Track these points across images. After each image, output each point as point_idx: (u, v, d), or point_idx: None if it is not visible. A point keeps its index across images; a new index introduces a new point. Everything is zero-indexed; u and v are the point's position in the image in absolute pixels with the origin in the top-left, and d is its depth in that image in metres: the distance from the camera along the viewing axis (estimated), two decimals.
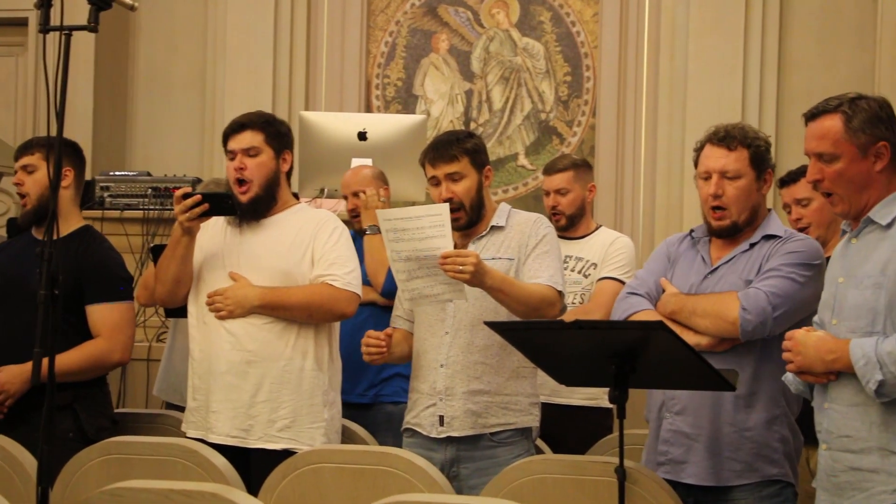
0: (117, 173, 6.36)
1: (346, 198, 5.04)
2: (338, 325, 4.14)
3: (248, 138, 4.04)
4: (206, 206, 3.94)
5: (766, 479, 3.47)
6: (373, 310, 4.64)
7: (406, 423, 3.94)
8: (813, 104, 3.22)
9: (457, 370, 3.80)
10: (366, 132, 6.02)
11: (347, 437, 4.18)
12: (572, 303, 4.70)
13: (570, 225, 4.91)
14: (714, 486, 3.48)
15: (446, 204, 3.69)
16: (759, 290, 3.41)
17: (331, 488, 3.47)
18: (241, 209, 4.04)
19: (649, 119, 8.31)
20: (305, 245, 4.03)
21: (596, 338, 3.18)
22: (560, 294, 3.80)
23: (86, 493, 3.28)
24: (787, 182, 4.61)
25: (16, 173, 4.35)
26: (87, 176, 6.66)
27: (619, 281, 4.69)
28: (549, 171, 5.03)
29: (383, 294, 4.57)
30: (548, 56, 8.68)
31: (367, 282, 4.66)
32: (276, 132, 4.09)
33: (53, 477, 3.51)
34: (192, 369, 4.09)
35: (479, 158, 3.91)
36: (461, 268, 3.57)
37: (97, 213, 6.02)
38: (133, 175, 6.32)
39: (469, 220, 3.88)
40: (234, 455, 3.79)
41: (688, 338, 3.26)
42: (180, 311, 4.29)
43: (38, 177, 4.28)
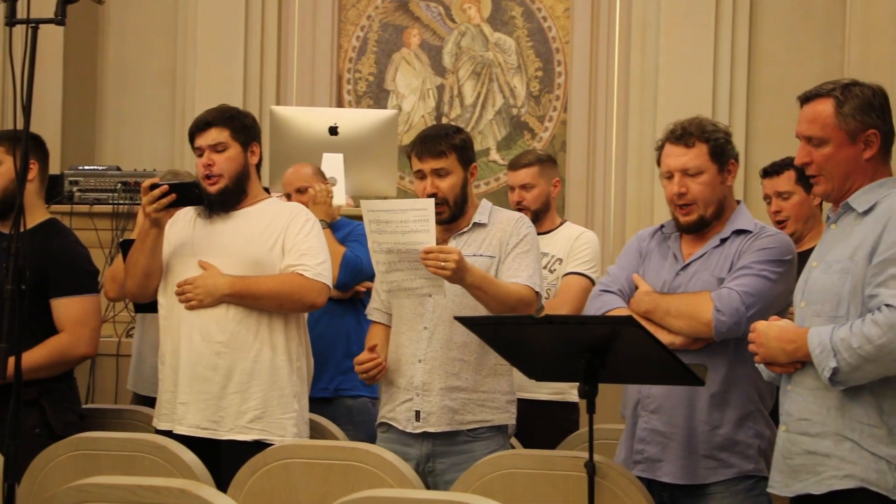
0: (87, 168, 6.33)
1: (288, 196, 5.03)
2: (307, 316, 4.14)
3: (214, 135, 4.04)
4: (174, 196, 3.93)
5: (740, 474, 3.48)
6: (329, 303, 4.62)
7: (381, 416, 3.93)
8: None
9: (435, 366, 3.80)
10: (337, 127, 6.01)
11: (316, 430, 4.17)
12: None
13: (534, 220, 4.90)
14: (690, 483, 3.49)
15: (431, 199, 3.69)
16: (732, 290, 3.42)
17: (301, 483, 3.47)
18: (209, 200, 4.03)
19: (620, 114, 8.33)
20: (277, 235, 4.03)
21: (566, 333, 3.18)
22: (537, 294, 3.81)
23: (53, 488, 3.27)
24: (769, 173, 4.63)
25: None
26: (57, 170, 6.66)
27: (585, 276, 4.70)
28: (513, 166, 5.03)
29: (337, 286, 4.56)
30: (519, 51, 8.68)
31: None
32: (242, 125, 4.08)
33: (20, 473, 3.49)
34: (161, 361, 4.08)
35: (466, 155, 3.90)
36: (443, 264, 3.57)
37: (66, 207, 5.99)
38: (102, 169, 6.29)
39: (452, 215, 3.88)
40: (205, 447, 3.79)
41: (662, 337, 3.27)
42: (150, 306, 4.27)
43: (3, 170, 4.25)
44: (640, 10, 8.23)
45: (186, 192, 3.97)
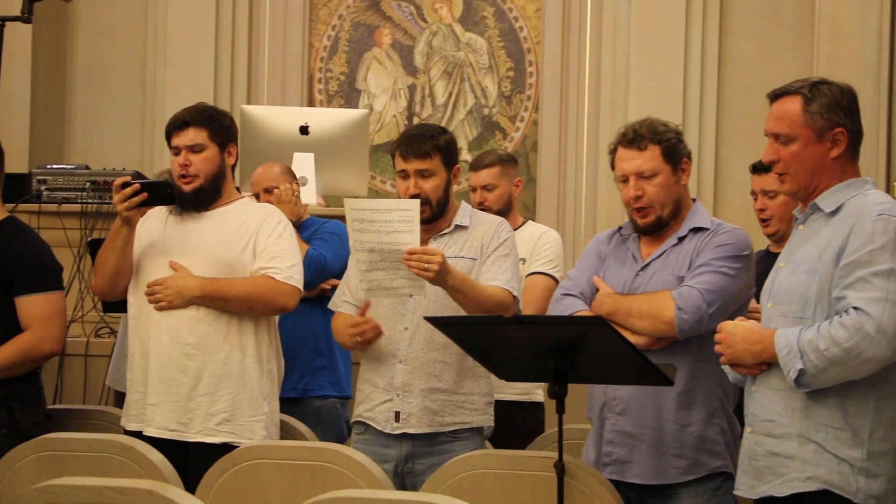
0: (55, 166, 6.28)
1: (256, 196, 5.02)
2: (277, 318, 4.12)
3: (191, 135, 4.01)
4: (145, 195, 3.90)
5: (710, 472, 3.50)
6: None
7: (357, 415, 3.91)
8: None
9: (416, 367, 3.79)
10: (308, 126, 6.00)
11: (286, 431, 4.16)
12: None
13: None
14: (659, 484, 3.50)
15: (416, 200, 3.69)
16: (693, 288, 3.43)
17: (270, 484, 3.46)
18: (182, 199, 4.01)
19: (592, 114, 8.34)
20: (248, 237, 4.01)
21: (535, 333, 3.18)
22: (515, 298, 3.81)
23: (19, 490, 3.24)
24: (759, 170, 4.63)
25: None
26: (25, 169, 6.61)
27: (549, 276, 4.71)
28: (475, 166, 5.02)
29: (304, 287, 4.55)
30: (491, 51, 8.69)
31: None
32: (220, 126, 4.06)
33: None
34: (131, 361, 4.06)
35: (450, 157, 3.90)
36: (427, 266, 3.57)
37: (34, 206, 5.94)
38: (71, 168, 6.25)
39: (433, 215, 3.87)
40: (173, 449, 3.77)
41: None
42: (118, 305, 4.25)
43: None
44: (611, 11, 8.25)
45: (158, 191, 3.95)
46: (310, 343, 4.79)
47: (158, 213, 4.11)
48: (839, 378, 2.97)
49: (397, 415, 3.79)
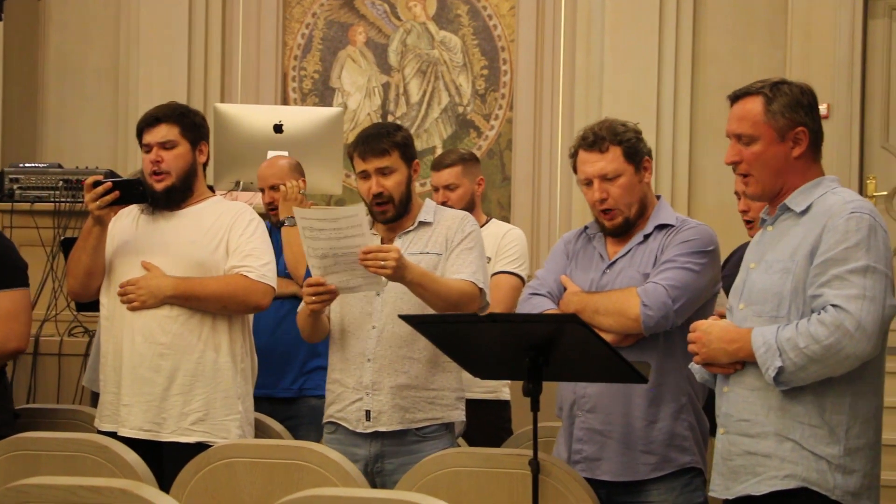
0: (27, 165, 6.25)
1: (262, 190, 5.00)
2: (251, 317, 4.11)
3: (163, 131, 4.00)
4: (117, 193, 3.89)
5: (679, 468, 3.51)
6: (294, 302, 4.60)
7: (328, 416, 3.91)
8: (727, 98, 3.25)
9: (384, 364, 3.78)
10: (282, 125, 5.98)
11: (262, 431, 4.15)
12: None
13: None
14: (629, 480, 3.51)
15: (361, 205, 3.68)
16: (658, 284, 3.44)
17: (244, 483, 3.45)
18: (154, 197, 3.99)
19: (566, 112, 8.37)
20: (221, 236, 4.00)
21: (509, 331, 3.18)
22: (481, 290, 3.81)
23: None
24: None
25: None
26: None
27: (514, 274, 4.73)
28: (436, 166, 5.01)
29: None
30: (465, 49, 8.70)
31: (286, 274, 4.63)
32: (192, 124, 4.05)
33: None
34: (103, 362, 4.04)
35: (408, 152, 3.88)
36: (383, 263, 3.56)
37: (6, 205, 5.92)
38: (44, 167, 6.22)
39: (397, 213, 3.86)
40: (147, 449, 3.76)
41: None
42: (92, 305, 4.23)
43: None
44: (584, 9, 8.27)
45: (130, 190, 3.93)
46: (305, 344, 4.78)
47: (130, 212, 4.09)
48: (818, 375, 2.98)
49: (368, 413, 3.78)
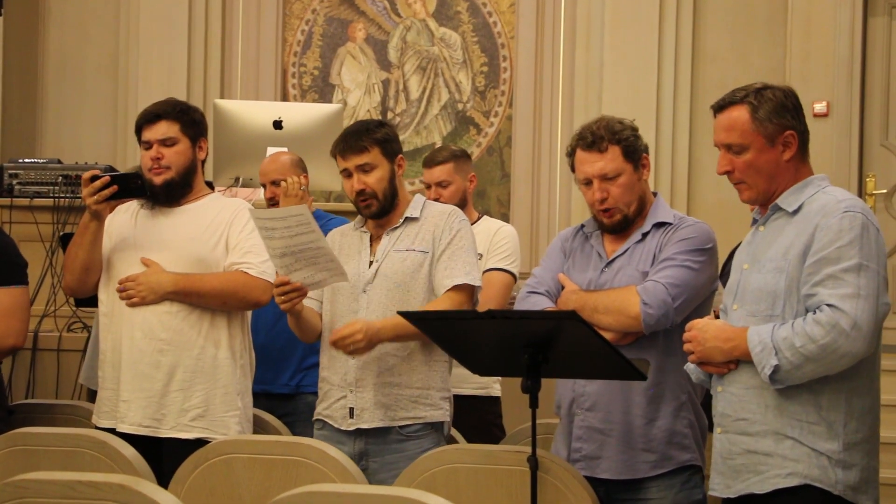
0: (27, 160, 6.25)
1: (264, 186, 4.99)
2: (250, 313, 4.11)
3: (163, 128, 3.99)
4: (115, 187, 3.88)
5: (679, 466, 3.51)
6: None
7: (317, 413, 3.91)
8: None
9: (367, 362, 3.77)
10: (281, 121, 5.99)
11: (261, 427, 4.15)
12: None
13: None
14: (629, 479, 3.51)
15: (304, 205, 3.69)
16: (658, 282, 3.44)
17: (242, 479, 3.44)
18: (153, 192, 3.98)
19: (566, 109, 8.36)
20: (220, 232, 4.00)
21: (508, 328, 3.18)
22: (474, 288, 3.80)
23: None
24: None
25: None
26: None
27: (506, 271, 4.73)
28: (428, 163, 5.02)
29: None
30: (465, 46, 8.69)
31: None
32: (192, 120, 4.04)
33: None
34: (102, 358, 4.03)
35: (389, 148, 3.87)
36: (353, 347, 3.63)
37: (6, 200, 5.92)
38: (43, 162, 6.21)
39: (381, 208, 3.85)
40: (147, 445, 3.75)
41: None
42: (90, 300, 4.22)
43: None
44: (584, 6, 8.27)
45: (128, 184, 3.92)
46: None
47: (129, 208, 4.08)
48: (814, 374, 2.99)
49: (351, 410, 3.78)
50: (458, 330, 3.32)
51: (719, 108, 3.21)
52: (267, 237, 3.64)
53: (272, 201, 4.90)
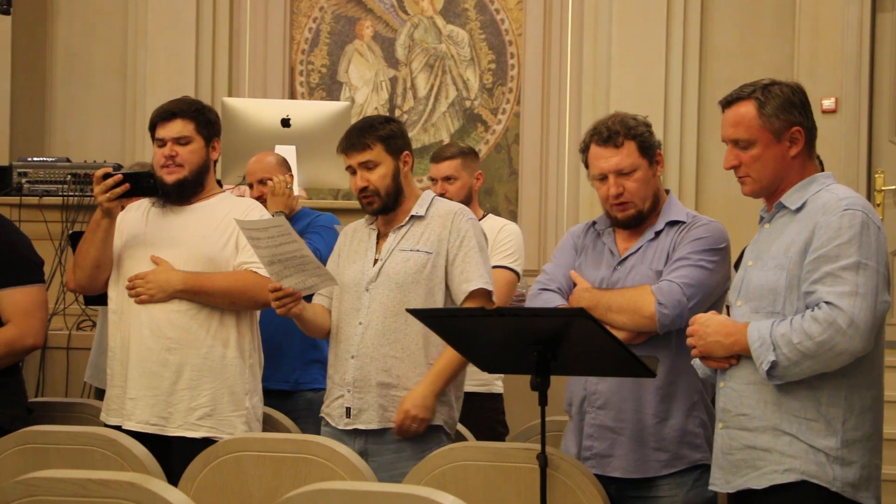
0: (36, 159, 6.27)
1: (251, 186, 5.01)
2: (259, 312, 4.11)
3: (178, 127, 3.99)
4: (127, 185, 3.88)
5: (689, 465, 3.50)
6: None
7: (321, 411, 3.92)
8: None
9: (366, 362, 3.76)
10: (289, 119, 5.99)
11: (269, 424, 4.15)
12: None
13: None
14: (639, 477, 3.50)
15: (282, 216, 3.70)
16: (673, 282, 3.43)
17: (252, 476, 3.45)
18: (164, 190, 3.98)
19: (573, 107, 8.36)
20: (230, 231, 3.99)
21: (517, 325, 3.18)
22: (490, 292, 3.81)
23: (1, 483, 3.22)
24: None
25: None
26: (5, 162, 6.59)
27: (509, 269, 4.74)
28: (436, 159, 5.03)
29: None
30: (472, 43, 8.69)
31: None
32: (207, 120, 4.04)
33: None
34: (111, 355, 4.04)
35: (394, 144, 3.86)
36: (415, 427, 3.71)
37: (15, 199, 5.94)
38: (52, 161, 6.23)
39: (384, 205, 3.84)
40: (156, 443, 3.75)
41: None
42: (100, 298, 4.23)
43: None
44: (592, 3, 8.27)
45: (140, 182, 3.93)
46: (303, 336, 4.78)
47: (140, 206, 4.09)
48: (811, 371, 3.00)
49: (348, 410, 3.78)
50: (468, 327, 3.32)
51: (727, 103, 3.22)
52: (255, 246, 3.65)
53: (260, 199, 4.93)
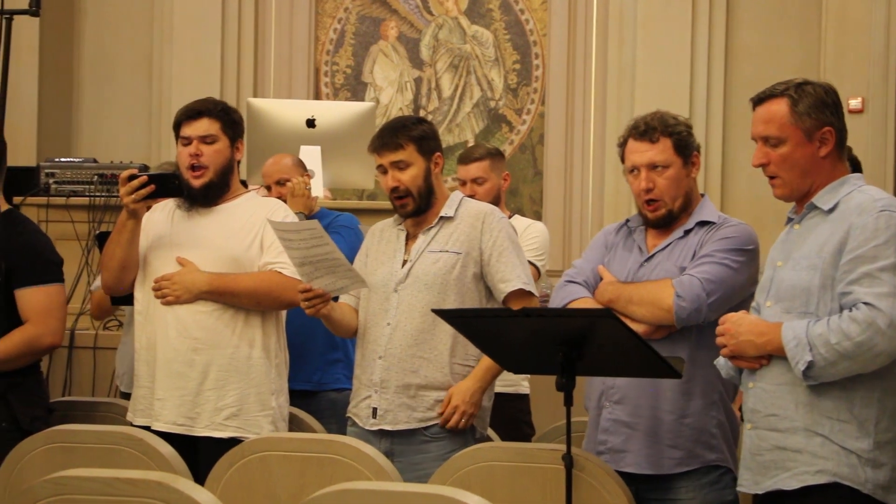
0: (63, 160, 6.29)
1: (268, 188, 5.03)
2: (285, 312, 4.12)
3: (204, 126, 4.00)
4: (153, 187, 3.90)
5: (705, 465, 3.49)
6: None
7: (348, 411, 3.93)
8: None
9: (393, 363, 3.77)
10: (314, 119, 6.01)
11: (295, 424, 4.16)
12: None
13: None
14: (654, 474, 3.49)
15: (315, 220, 3.68)
16: (693, 276, 3.43)
17: (278, 476, 3.46)
18: (191, 192, 4.00)
19: (598, 107, 8.35)
20: (255, 232, 4.01)
21: (542, 326, 3.18)
22: (530, 293, 3.81)
23: (29, 482, 3.24)
24: None
25: None
26: (33, 162, 6.63)
27: (535, 265, 4.73)
28: (464, 160, 5.04)
29: None
30: (497, 44, 8.69)
31: None
32: (232, 121, 4.06)
33: None
34: (137, 356, 4.05)
35: (426, 145, 3.87)
36: (463, 421, 3.74)
37: (42, 199, 5.96)
38: (79, 161, 6.25)
39: (417, 206, 3.85)
40: (183, 443, 3.76)
41: None
42: (126, 298, 4.24)
43: None
44: (617, 4, 8.26)
45: (166, 184, 3.94)
46: (323, 335, 4.79)
47: (165, 206, 4.11)
48: (847, 371, 2.98)
49: (374, 411, 3.78)
50: (493, 328, 3.32)
51: (759, 100, 3.20)
52: (287, 247, 3.66)
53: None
